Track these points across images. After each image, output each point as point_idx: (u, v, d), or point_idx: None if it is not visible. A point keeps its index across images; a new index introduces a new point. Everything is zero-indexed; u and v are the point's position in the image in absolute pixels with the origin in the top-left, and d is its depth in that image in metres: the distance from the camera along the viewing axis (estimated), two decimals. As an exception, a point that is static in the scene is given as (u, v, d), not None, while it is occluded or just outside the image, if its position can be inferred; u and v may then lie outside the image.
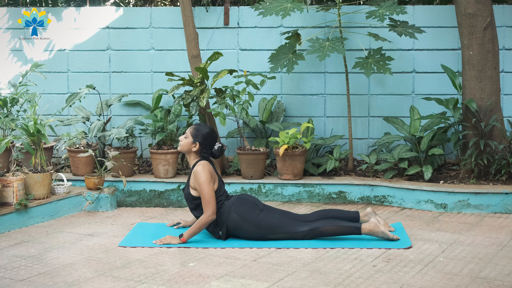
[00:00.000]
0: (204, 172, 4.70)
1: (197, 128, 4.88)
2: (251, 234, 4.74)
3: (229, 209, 4.75)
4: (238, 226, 4.74)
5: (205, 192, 4.68)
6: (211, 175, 4.74)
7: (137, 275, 4.06)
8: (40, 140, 5.66)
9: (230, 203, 4.78)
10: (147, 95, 7.07)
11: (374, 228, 4.70)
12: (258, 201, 4.89)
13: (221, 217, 4.75)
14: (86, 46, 7.08)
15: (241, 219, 4.73)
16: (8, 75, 7.00)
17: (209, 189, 4.68)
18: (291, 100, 6.98)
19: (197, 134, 4.85)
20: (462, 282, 3.89)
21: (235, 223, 4.73)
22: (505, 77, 6.76)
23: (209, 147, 4.86)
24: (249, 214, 4.74)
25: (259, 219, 4.73)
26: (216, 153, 4.91)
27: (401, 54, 6.82)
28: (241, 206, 4.77)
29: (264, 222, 4.73)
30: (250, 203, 4.81)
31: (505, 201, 5.64)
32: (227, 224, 4.74)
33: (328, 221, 4.75)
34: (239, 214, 4.73)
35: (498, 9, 6.64)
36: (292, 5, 6.17)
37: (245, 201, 4.81)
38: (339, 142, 6.84)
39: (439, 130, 6.25)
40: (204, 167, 4.73)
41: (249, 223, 4.72)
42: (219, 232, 4.78)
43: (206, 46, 6.92)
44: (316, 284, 3.88)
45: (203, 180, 4.69)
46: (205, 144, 4.84)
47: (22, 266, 4.25)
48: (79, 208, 5.83)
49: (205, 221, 4.69)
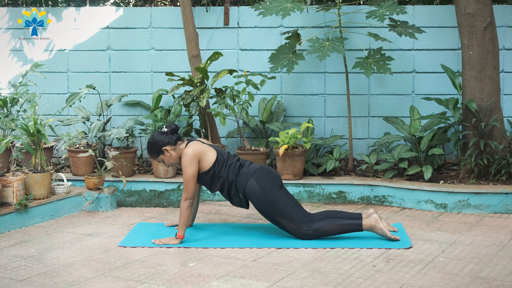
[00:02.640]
0: (187, 156, 4.72)
1: (148, 149, 4.89)
2: (261, 206, 4.72)
3: (250, 175, 4.74)
4: (253, 193, 4.72)
5: (184, 175, 4.72)
6: (196, 156, 4.72)
7: (137, 275, 4.06)
8: (40, 140, 5.66)
9: (252, 169, 4.78)
10: (147, 95, 7.07)
11: (375, 223, 4.71)
12: (280, 178, 4.87)
13: (241, 181, 4.74)
14: (86, 46, 7.08)
15: (258, 187, 4.71)
16: (8, 75, 7.00)
17: (187, 173, 4.69)
18: (291, 100, 6.98)
19: (153, 149, 4.85)
20: (462, 282, 3.89)
21: (251, 189, 4.72)
22: (505, 77, 6.76)
23: (168, 140, 4.82)
24: (267, 186, 4.72)
25: (274, 197, 4.71)
26: (175, 132, 4.87)
27: (401, 54, 6.82)
28: (262, 175, 4.76)
29: (278, 203, 4.70)
30: (272, 176, 4.80)
31: (505, 201, 5.64)
32: (245, 188, 4.74)
33: (330, 221, 4.75)
34: (258, 182, 4.72)
35: (498, 9, 6.64)
36: (292, 5, 6.17)
37: (268, 172, 4.81)
38: (339, 142, 6.85)
39: (439, 130, 6.25)
40: (188, 150, 4.74)
41: (264, 195, 4.70)
42: (239, 195, 4.79)
43: (206, 46, 6.92)
44: (316, 284, 3.88)
45: (184, 164, 4.73)
46: (164, 143, 4.81)
47: (22, 266, 4.25)
48: (79, 208, 5.83)
49: (184, 206, 4.71)
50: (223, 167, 4.80)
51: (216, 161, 4.79)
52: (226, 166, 4.80)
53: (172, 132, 4.86)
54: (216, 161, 4.79)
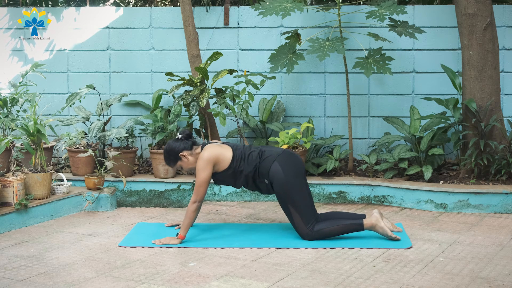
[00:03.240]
0: (202, 159, 4.72)
1: (165, 157, 4.90)
2: (280, 190, 4.70)
3: (273, 158, 4.74)
4: (276, 177, 4.70)
5: (197, 178, 4.72)
6: (211, 160, 4.72)
7: (137, 275, 4.06)
8: (40, 140, 5.66)
9: (275, 153, 4.78)
10: (147, 95, 7.07)
11: (375, 222, 4.72)
12: (303, 165, 4.86)
13: (265, 165, 4.74)
14: (86, 46, 7.08)
15: (282, 171, 4.69)
16: (8, 75, 7.00)
17: (200, 176, 4.70)
18: (291, 100, 6.98)
19: (170, 157, 4.86)
20: (462, 282, 3.89)
21: (275, 173, 4.70)
22: (505, 77, 6.76)
23: (184, 146, 4.84)
24: (290, 170, 4.72)
25: (295, 184, 4.70)
26: (190, 138, 4.89)
27: (401, 54, 6.82)
28: (286, 159, 4.76)
29: (297, 192, 4.70)
30: (296, 161, 4.80)
31: (505, 201, 5.64)
32: (269, 172, 4.73)
33: (332, 222, 4.75)
34: (281, 166, 4.71)
35: (498, 9, 6.64)
36: (292, 5, 6.17)
37: (291, 157, 4.81)
38: (339, 142, 6.85)
39: (439, 130, 6.25)
40: (204, 154, 4.75)
41: (286, 179, 4.68)
42: (265, 180, 4.77)
43: (206, 46, 6.92)
44: (316, 284, 3.88)
45: (198, 168, 4.73)
46: (180, 148, 4.82)
47: (22, 266, 4.25)
48: (79, 208, 5.83)
49: (191, 208, 4.72)
50: (242, 161, 4.79)
51: (234, 157, 4.78)
52: (245, 159, 4.79)
53: (186, 137, 4.88)
54: (233, 157, 4.79)
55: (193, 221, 4.77)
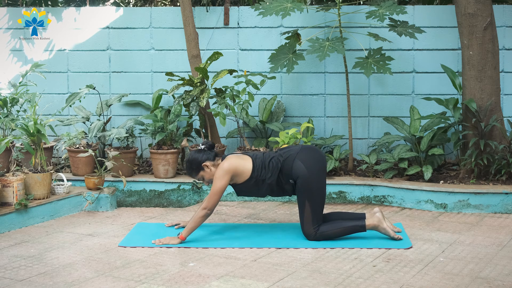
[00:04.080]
0: (221, 169, 4.71)
1: (188, 168, 4.89)
2: (303, 183, 4.68)
3: (293, 156, 4.73)
4: (300, 174, 4.68)
5: (213, 187, 4.70)
6: (230, 171, 4.70)
7: (137, 275, 4.06)
8: (40, 140, 5.66)
9: (295, 151, 4.76)
10: (147, 95, 7.07)
11: (378, 223, 4.73)
12: (325, 159, 4.85)
13: (287, 167, 4.72)
14: (86, 46, 7.08)
15: (304, 167, 4.67)
16: (8, 75, 7.00)
17: (217, 185, 4.68)
18: (291, 100, 6.98)
19: (193, 166, 4.84)
20: (462, 282, 3.89)
21: (298, 170, 4.68)
22: (505, 77, 6.76)
23: (207, 156, 4.83)
24: (311, 165, 4.70)
25: (315, 178, 4.68)
26: (212, 149, 4.90)
27: (401, 54, 6.82)
28: (306, 154, 4.75)
29: (315, 187, 4.69)
30: (316, 155, 4.78)
31: (505, 201, 5.64)
32: (292, 172, 4.71)
33: (334, 224, 4.76)
34: (303, 162, 4.69)
35: (498, 9, 6.64)
36: (292, 5, 6.17)
37: (312, 151, 4.80)
38: (339, 142, 6.85)
39: (439, 130, 6.25)
40: (223, 164, 4.74)
41: (309, 173, 4.66)
42: (290, 181, 4.75)
43: (206, 46, 6.92)
44: (316, 284, 3.88)
45: (216, 176, 4.72)
46: (203, 159, 4.82)
47: (22, 266, 4.25)
48: (79, 208, 5.83)
49: (200, 214, 4.69)
50: (263, 169, 4.76)
51: (254, 167, 4.75)
52: (265, 167, 4.76)
53: (209, 148, 4.88)
54: (253, 167, 4.76)
55: (197, 226, 4.75)
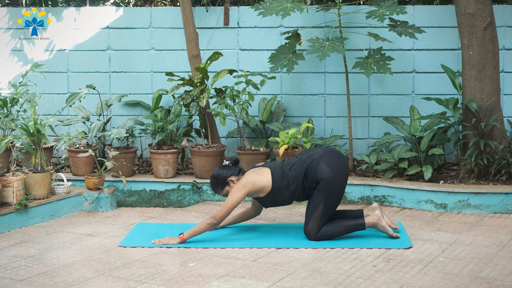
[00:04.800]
0: (239, 183, 4.72)
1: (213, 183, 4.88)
2: (323, 183, 4.67)
3: (317, 161, 4.72)
4: (324, 176, 4.67)
5: (228, 199, 4.71)
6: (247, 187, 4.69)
7: (137, 275, 4.06)
8: (40, 140, 5.66)
9: (317, 155, 4.76)
10: (147, 95, 7.07)
11: (377, 221, 4.74)
12: (347, 166, 4.85)
13: (311, 172, 4.71)
14: (86, 46, 7.08)
15: (328, 169, 4.67)
16: (8, 75, 7.00)
17: (231, 198, 4.69)
18: (291, 100, 6.98)
19: (218, 182, 4.85)
20: (462, 282, 3.89)
21: (322, 173, 4.67)
22: (505, 77, 6.76)
23: (232, 172, 4.84)
24: (336, 168, 4.70)
25: (338, 182, 4.69)
26: (237, 164, 4.92)
27: (401, 54, 6.82)
28: (330, 158, 4.74)
29: (334, 191, 4.69)
30: (340, 159, 4.79)
31: (505, 201, 5.64)
32: (316, 175, 4.69)
33: (334, 224, 4.76)
34: (328, 165, 4.69)
35: (498, 9, 6.64)
36: (292, 5, 6.17)
37: (336, 155, 4.79)
38: (339, 142, 6.85)
39: (439, 130, 6.25)
40: (242, 179, 4.75)
41: (331, 176, 4.66)
42: (313, 185, 4.75)
43: (206, 46, 6.92)
44: (316, 284, 3.88)
45: (233, 189, 4.73)
46: (228, 174, 4.83)
47: (22, 266, 4.25)
48: (79, 208, 5.83)
49: (206, 221, 4.70)
50: (284, 178, 4.75)
51: (273, 178, 4.74)
52: (286, 175, 4.75)
53: (233, 164, 4.90)
54: (273, 178, 4.75)
55: (201, 233, 4.75)
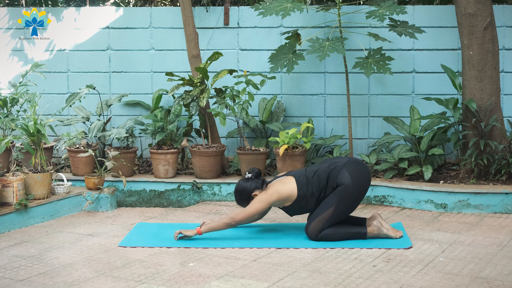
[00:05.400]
0: (265, 193, 4.73)
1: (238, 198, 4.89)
2: (340, 188, 4.68)
3: (340, 168, 4.73)
4: (344, 182, 4.68)
5: (250, 206, 4.72)
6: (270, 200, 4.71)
7: (137, 275, 4.06)
8: (40, 140, 5.66)
9: (341, 162, 4.77)
10: (147, 95, 7.07)
11: (378, 232, 4.78)
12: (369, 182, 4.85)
13: (333, 177, 4.72)
14: (86, 46, 7.08)
15: (349, 176, 4.69)
16: (8, 75, 7.00)
17: (252, 207, 4.70)
18: (291, 100, 6.98)
19: (243, 197, 4.85)
20: (462, 282, 3.89)
21: (343, 179, 4.69)
22: (505, 77, 6.76)
23: (255, 185, 4.84)
24: (357, 179, 4.71)
25: (355, 192, 4.70)
26: (259, 176, 4.91)
27: (401, 54, 6.82)
28: (354, 168, 4.74)
29: (349, 201, 4.69)
30: (364, 173, 4.79)
31: (505, 201, 5.64)
32: (337, 180, 4.70)
33: (337, 228, 4.76)
34: (350, 173, 4.70)
35: (498, 9, 6.64)
36: (292, 5, 6.17)
37: (359, 167, 4.79)
38: (339, 142, 6.85)
39: (439, 130, 6.25)
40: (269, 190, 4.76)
41: (350, 184, 4.67)
42: (332, 189, 4.76)
43: (206, 46, 6.92)
44: (316, 284, 3.88)
45: (257, 198, 4.73)
46: (252, 188, 4.82)
47: (22, 266, 4.25)
48: (79, 208, 5.83)
49: (225, 220, 4.72)
50: (308, 185, 4.75)
51: (299, 186, 4.75)
52: (310, 183, 4.76)
53: (256, 176, 4.88)
54: (298, 186, 4.75)
55: (218, 230, 4.75)
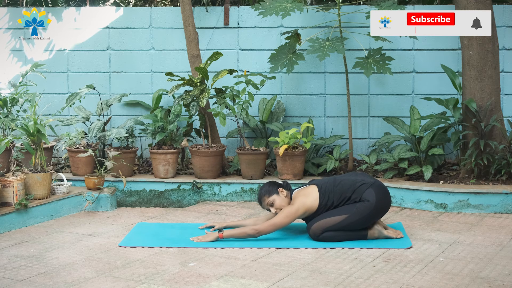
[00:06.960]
0: (293, 207, 4.75)
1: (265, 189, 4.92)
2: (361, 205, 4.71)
3: (368, 185, 4.77)
4: (367, 199, 4.71)
5: (277, 218, 4.74)
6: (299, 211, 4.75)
7: (137, 275, 4.06)
8: (40, 140, 5.66)
9: (369, 182, 4.81)
10: (147, 95, 7.07)
11: (378, 235, 4.80)
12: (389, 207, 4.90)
13: (358, 192, 4.76)
14: (86, 46, 7.08)
15: (374, 195, 4.71)
16: (8, 75, 7.00)
17: (279, 219, 4.72)
18: (291, 100, 6.98)
19: (271, 187, 4.90)
20: (462, 282, 3.89)
21: (368, 196, 4.72)
22: (505, 77, 6.76)
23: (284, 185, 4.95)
24: (380, 201, 4.74)
25: (373, 212, 4.72)
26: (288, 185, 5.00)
27: (401, 54, 6.82)
28: (380, 191, 4.78)
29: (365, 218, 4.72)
30: (387, 198, 4.83)
31: (505, 201, 5.64)
32: (362, 196, 4.73)
33: (338, 231, 4.75)
34: (376, 193, 4.73)
35: (498, 9, 6.64)
36: (292, 5, 6.17)
37: (385, 192, 4.83)
38: (339, 142, 6.85)
39: (439, 130, 6.25)
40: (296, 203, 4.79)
41: (373, 203, 4.69)
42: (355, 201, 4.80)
43: (206, 46, 6.92)
44: (316, 284, 3.88)
45: (286, 210, 4.76)
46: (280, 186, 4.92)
47: (22, 266, 4.25)
48: (79, 208, 5.83)
49: (249, 231, 4.72)
50: (331, 194, 4.80)
51: (321, 196, 4.80)
52: (332, 192, 4.80)
53: (286, 185, 4.99)
54: (320, 196, 4.80)
55: (239, 238, 4.75)
